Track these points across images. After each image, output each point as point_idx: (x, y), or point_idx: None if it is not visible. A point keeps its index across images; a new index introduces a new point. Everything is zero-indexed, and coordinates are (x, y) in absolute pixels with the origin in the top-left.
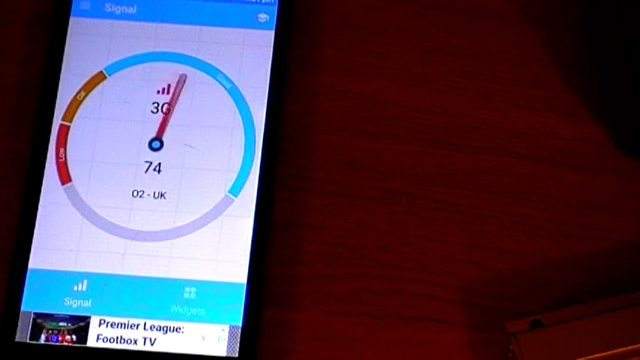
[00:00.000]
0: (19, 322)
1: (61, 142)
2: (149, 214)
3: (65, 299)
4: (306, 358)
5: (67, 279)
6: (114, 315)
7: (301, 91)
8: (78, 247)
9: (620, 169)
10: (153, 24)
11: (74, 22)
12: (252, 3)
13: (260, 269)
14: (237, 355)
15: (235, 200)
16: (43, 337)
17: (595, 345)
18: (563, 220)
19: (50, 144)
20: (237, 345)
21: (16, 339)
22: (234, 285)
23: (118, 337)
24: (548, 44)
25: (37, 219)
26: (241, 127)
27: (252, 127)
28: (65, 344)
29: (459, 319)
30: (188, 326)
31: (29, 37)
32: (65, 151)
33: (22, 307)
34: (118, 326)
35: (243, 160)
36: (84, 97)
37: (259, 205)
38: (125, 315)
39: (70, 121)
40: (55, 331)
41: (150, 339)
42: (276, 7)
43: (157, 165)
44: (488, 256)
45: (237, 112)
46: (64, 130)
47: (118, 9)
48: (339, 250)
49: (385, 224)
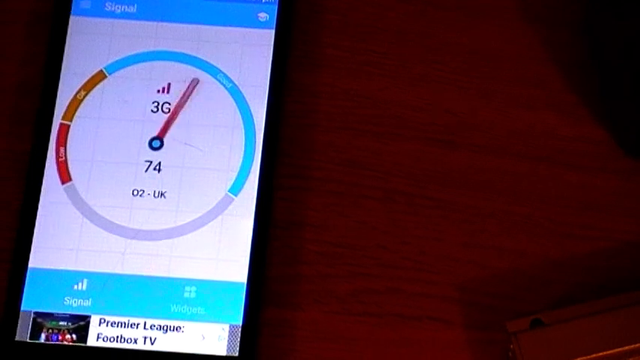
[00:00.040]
0: (19, 321)
1: (61, 141)
2: (149, 213)
3: (65, 298)
4: (308, 357)
5: (67, 278)
6: (114, 314)
7: (302, 91)
8: (78, 246)
9: (620, 168)
10: (153, 23)
11: (74, 21)
12: (252, 2)
13: (260, 268)
14: (237, 355)
15: (235, 199)
16: (43, 336)
17: (595, 344)
18: (563, 220)
19: (50, 143)
20: (238, 344)
21: (16, 338)
22: (234, 284)
23: (118, 337)
24: (548, 43)
25: (37, 218)
26: (241, 126)
27: (253, 126)
28: (65, 343)
29: (458, 318)
30: (188, 325)
31: (29, 37)
32: (65, 151)
33: (22, 307)
34: (118, 325)
35: (243, 160)
36: (84, 97)
37: (259, 205)
38: (125, 314)
39: (70, 121)
40: (55, 331)
41: (150, 338)
42: (276, 6)
43: (157, 164)
44: (488, 256)
45: (238, 112)
46: (64, 130)
47: (118, 8)
48: (340, 250)
49: (385, 224)
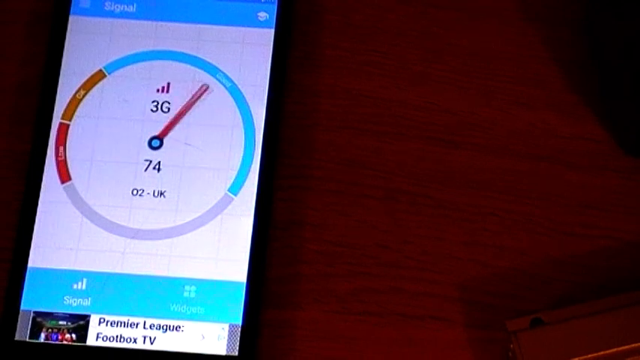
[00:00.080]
0: (18, 320)
1: (61, 140)
2: (149, 212)
3: (65, 298)
4: (308, 357)
5: (66, 278)
6: (113, 314)
7: (302, 91)
8: (78, 245)
9: (621, 167)
10: (152, 22)
11: (74, 21)
12: (252, 1)
13: (260, 268)
14: (237, 354)
15: (235, 199)
16: (42, 335)
17: (595, 344)
18: (563, 219)
19: (50, 143)
20: (237, 344)
21: (16, 338)
22: (234, 283)
23: (117, 336)
24: (548, 42)
25: (36, 218)
26: (241, 125)
27: (252, 125)
28: (65, 343)
29: (459, 317)
30: (188, 325)
31: (29, 37)
32: (65, 150)
33: (22, 306)
34: (117, 325)
35: (242, 159)
36: (83, 96)
37: (259, 204)
38: (125, 314)
39: (70, 120)
40: (55, 330)
41: (149, 338)
42: (276, 6)
43: (157, 163)
44: (488, 255)
45: (237, 111)
46: (63, 129)
47: (117, 7)
48: (340, 249)
49: (386, 223)
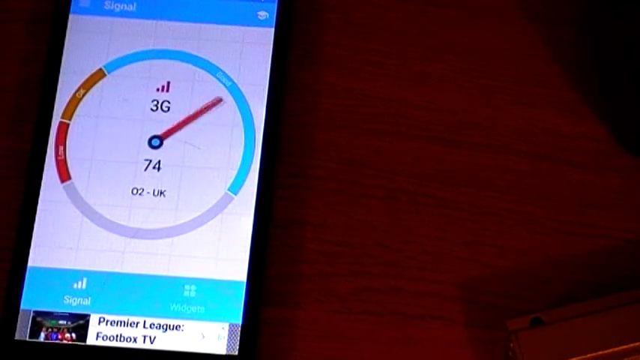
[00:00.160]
0: (18, 320)
1: (61, 139)
2: (149, 212)
3: (65, 297)
4: (308, 356)
5: (66, 277)
6: (113, 313)
7: (302, 90)
8: (77, 245)
9: (622, 166)
10: (152, 21)
11: (74, 20)
12: (252, 0)
13: (260, 267)
14: (237, 354)
15: (235, 198)
16: (42, 335)
17: (595, 343)
18: (564, 218)
19: (50, 142)
20: (237, 343)
21: (16, 337)
22: (234, 283)
23: (117, 336)
24: (548, 41)
25: (36, 217)
26: (241, 124)
27: (252, 124)
28: (65, 342)
29: (459, 316)
30: (188, 324)
31: (30, 36)
32: (65, 149)
33: (22, 305)
34: (117, 324)
35: (242, 158)
36: (83, 95)
37: (259, 203)
38: (125, 313)
39: (70, 119)
40: (55, 330)
41: (149, 337)
42: (276, 5)
43: (157, 163)
44: (489, 254)
45: (237, 110)
46: (63, 128)
47: (117, 6)
48: (340, 249)
49: (386, 222)
